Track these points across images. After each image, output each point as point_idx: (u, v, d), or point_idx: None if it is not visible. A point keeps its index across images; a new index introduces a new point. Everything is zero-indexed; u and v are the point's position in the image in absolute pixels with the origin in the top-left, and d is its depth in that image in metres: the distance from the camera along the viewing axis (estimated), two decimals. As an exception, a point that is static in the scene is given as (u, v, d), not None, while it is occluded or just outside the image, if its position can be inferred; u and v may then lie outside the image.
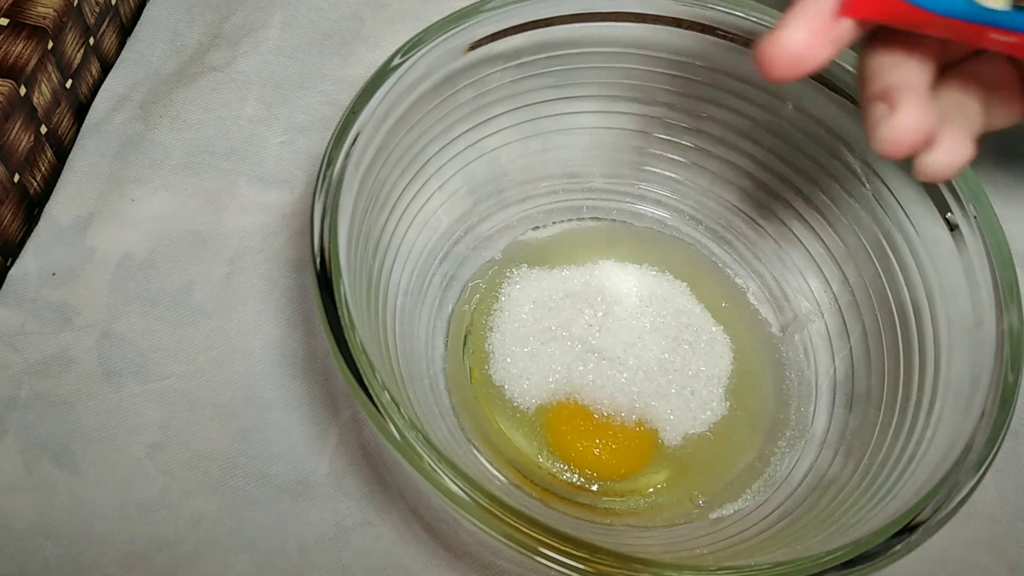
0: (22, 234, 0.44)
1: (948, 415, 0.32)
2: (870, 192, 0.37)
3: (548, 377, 0.40)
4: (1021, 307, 0.33)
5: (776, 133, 0.40)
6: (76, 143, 0.46)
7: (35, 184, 0.44)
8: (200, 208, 0.44)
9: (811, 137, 0.39)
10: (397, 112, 0.35)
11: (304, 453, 0.39)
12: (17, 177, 0.42)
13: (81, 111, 0.47)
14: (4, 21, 0.42)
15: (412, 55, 0.34)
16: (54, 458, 0.38)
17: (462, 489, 0.27)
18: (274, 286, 0.43)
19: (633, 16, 0.37)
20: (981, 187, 0.34)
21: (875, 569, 0.28)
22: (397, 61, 0.34)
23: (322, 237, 0.31)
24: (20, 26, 0.42)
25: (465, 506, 0.27)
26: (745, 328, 0.42)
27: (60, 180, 0.45)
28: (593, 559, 0.27)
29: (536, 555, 0.27)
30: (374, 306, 0.34)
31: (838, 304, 0.40)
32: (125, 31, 0.50)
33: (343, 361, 0.29)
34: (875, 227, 0.38)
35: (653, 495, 0.38)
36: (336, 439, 0.40)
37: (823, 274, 0.41)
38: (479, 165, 0.41)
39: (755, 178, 0.42)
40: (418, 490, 0.38)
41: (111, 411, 0.39)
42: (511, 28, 0.36)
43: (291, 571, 0.37)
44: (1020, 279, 0.33)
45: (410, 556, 0.37)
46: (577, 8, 0.37)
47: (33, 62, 0.41)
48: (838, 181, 0.39)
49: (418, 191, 0.39)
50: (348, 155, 0.32)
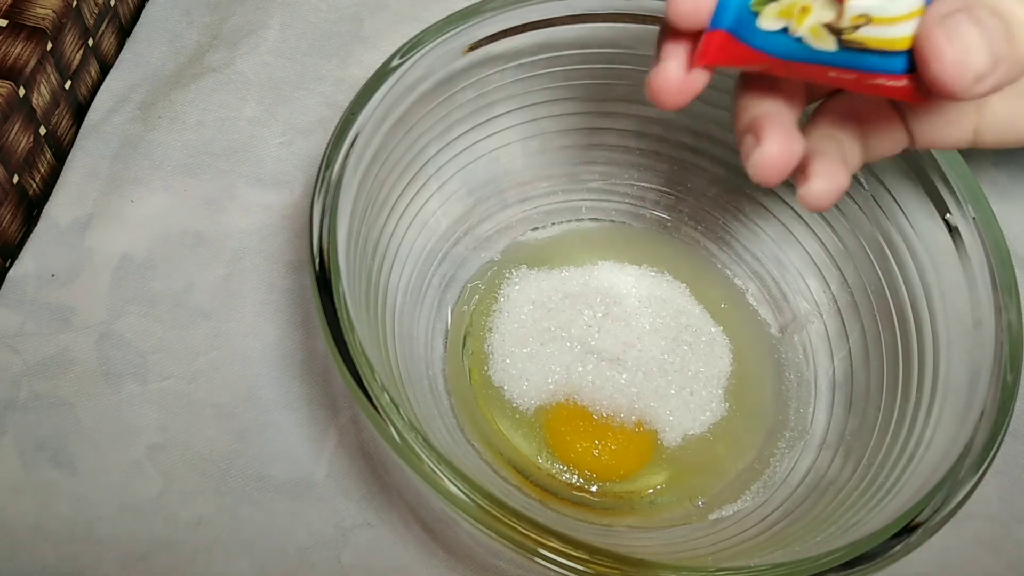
0: (21, 235, 0.44)
1: (947, 416, 0.32)
2: (869, 193, 0.37)
3: (547, 378, 0.40)
4: (1020, 307, 0.33)
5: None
6: (75, 144, 0.46)
7: (34, 185, 0.44)
8: (199, 209, 0.44)
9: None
10: (396, 113, 0.35)
11: (303, 454, 0.39)
12: (16, 178, 0.42)
13: (80, 112, 0.47)
14: (3, 22, 0.42)
15: (411, 56, 0.34)
16: (53, 459, 0.38)
17: (461, 490, 0.27)
18: (273, 287, 0.43)
19: (632, 17, 0.37)
20: (980, 188, 0.34)
21: (875, 570, 0.28)
22: (396, 62, 0.34)
23: (321, 238, 0.31)
24: (19, 27, 0.42)
25: (464, 507, 0.27)
26: (744, 329, 0.42)
27: (59, 181, 0.45)
28: (592, 560, 0.27)
29: (535, 556, 0.27)
30: (373, 307, 0.34)
31: (837, 305, 0.40)
32: (124, 32, 0.50)
33: (342, 362, 0.29)
34: (874, 228, 0.38)
35: (652, 496, 0.38)
36: (335, 440, 0.40)
37: (822, 275, 0.41)
38: (478, 166, 0.41)
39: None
40: (417, 491, 0.38)
41: (110, 412, 0.39)
42: (510, 29, 0.36)
43: (290, 572, 0.37)
44: (1019, 279, 0.33)
45: (409, 557, 0.37)
46: (577, 9, 0.37)
47: (32, 63, 0.41)
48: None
49: (417, 192, 0.39)
50: (347, 156, 0.32)
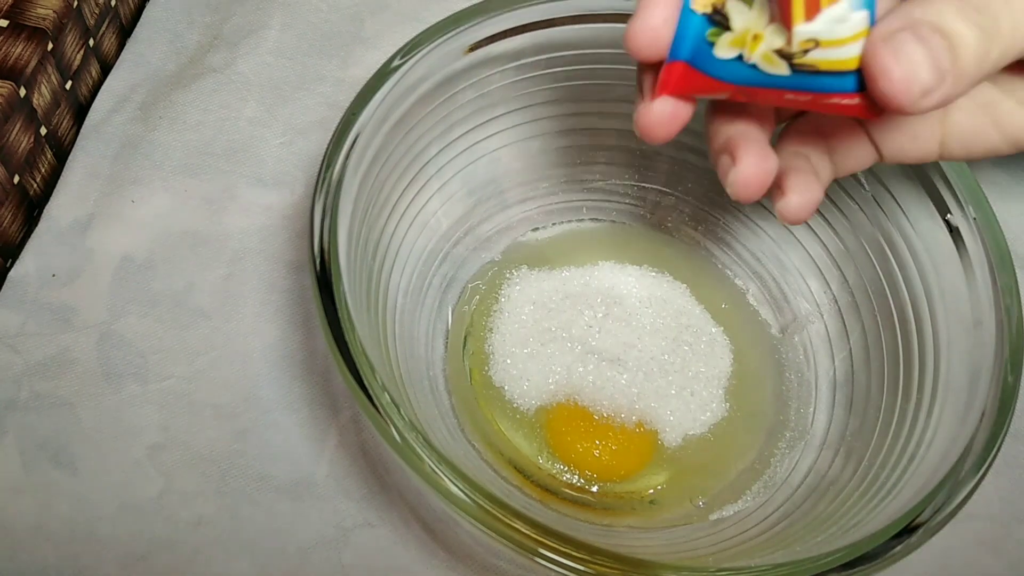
0: (22, 235, 0.44)
1: (948, 416, 0.32)
2: (870, 193, 0.37)
3: (548, 378, 0.40)
4: (1020, 307, 0.33)
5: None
6: (76, 144, 0.46)
7: (35, 185, 0.44)
8: (200, 209, 0.44)
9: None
10: (397, 114, 0.35)
11: (304, 454, 0.39)
12: (17, 178, 0.42)
13: (81, 112, 0.47)
14: (4, 23, 0.42)
15: (412, 56, 0.34)
16: (54, 459, 0.38)
17: (462, 490, 0.27)
18: (274, 287, 0.43)
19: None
20: (980, 188, 0.34)
21: (875, 570, 0.28)
22: (397, 62, 0.34)
23: (322, 238, 0.31)
24: (20, 27, 0.42)
25: (465, 507, 0.27)
26: (745, 329, 0.42)
27: (60, 181, 0.45)
28: (593, 560, 0.27)
29: (536, 556, 0.27)
30: (374, 307, 0.34)
31: (838, 305, 0.40)
32: (125, 32, 0.50)
33: (343, 362, 0.29)
34: (875, 228, 0.38)
35: (653, 496, 0.38)
36: (336, 440, 0.40)
37: (823, 275, 0.41)
38: (479, 166, 0.41)
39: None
40: (418, 491, 0.38)
41: (111, 412, 0.39)
42: (511, 29, 0.36)
43: (291, 572, 0.37)
44: (1019, 279, 0.33)
45: (410, 557, 0.37)
46: (577, 9, 0.37)
47: (33, 63, 0.41)
48: (837, 182, 0.39)
49: (418, 192, 0.39)
50: (348, 157, 0.32)
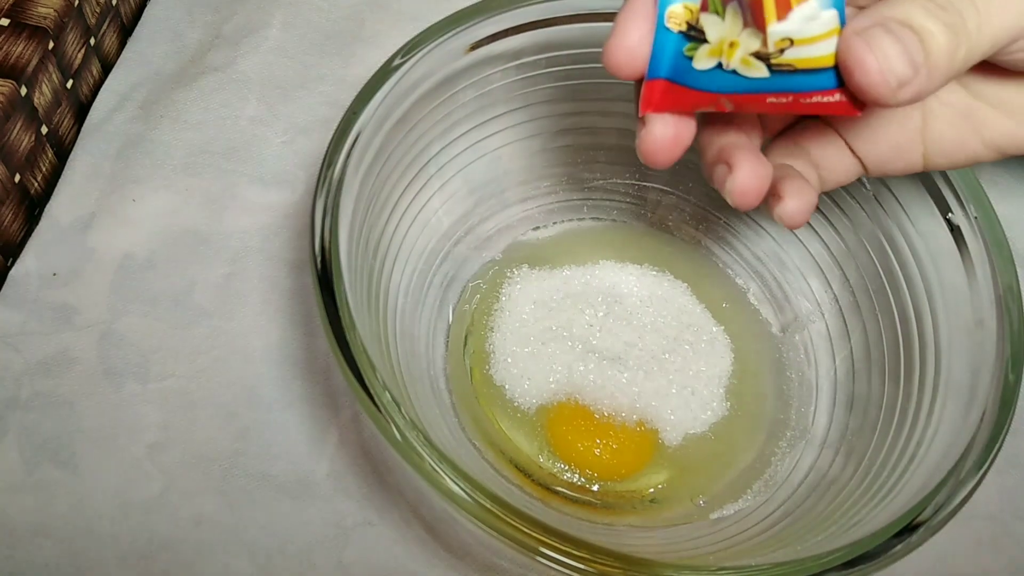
0: (23, 234, 0.44)
1: (949, 415, 0.32)
2: (871, 192, 0.37)
3: (549, 377, 0.39)
4: (1021, 307, 0.33)
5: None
6: (77, 143, 0.46)
7: (36, 184, 0.44)
8: (201, 208, 0.44)
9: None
10: (398, 113, 0.35)
11: (304, 453, 0.39)
12: (18, 177, 0.42)
13: (82, 111, 0.47)
14: (5, 21, 0.42)
15: (413, 55, 0.34)
16: (54, 458, 0.38)
17: (463, 489, 0.27)
18: (274, 286, 0.43)
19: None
20: (981, 187, 0.34)
21: (876, 569, 0.28)
22: (398, 61, 0.34)
23: (323, 237, 0.31)
24: (21, 26, 0.42)
25: (466, 506, 0.27)
26: (746, 328, 0.42)
27: (61, 180, 0.45)
28: (594, 559, 0.27)
29: (537, 555, 0.27)
30: (375, 306, 0.34)
31: (839, 304, 0.40)
32: (126, 31, 0.50)
33: (344, 361, 0.29)
34: (876, 227, 0.38)
35: (653, 495, 0.38)
36: (336, 439, 0.40)
37: (824, 274, 0.41)
38: (480, 165, 0.41)
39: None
40: (419, 490, 0.38)
41: (111, 411, 0.39)
42: (512, 28, 0.36)
43: (291, 571, 0.37)
44: (1020, 279, 0.33)
45: (410, 556, 0.37)
46: (577, 9, 0.37)
47: (34, 62, 0.41)
48: (838, 181, 0.39)
49: (419, 191, 0.39)
50: (349, 156, 0.32)
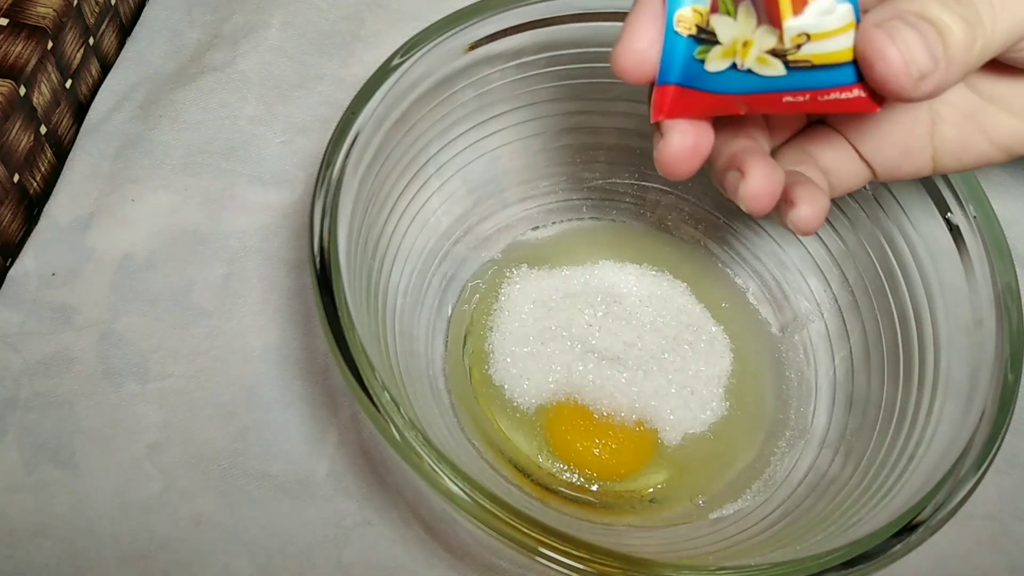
0: (22, 234, 0.44)
1: (948, 415, 0.32)
2: (870, 192, 0.37)
3: (548, 377, 0.39)
4: (1021, 306, 0.33)
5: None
6: (76, 143, 0.46)
7: (35, 184, 0.44)
8: (200, 208, 0.44)
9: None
10: (397, 112, 0.35)
11: (304, 453, 0.39)
12: (17, 177, 0.42)
13: (81, 111, 0.47)
14: (4, 21, 0.42)
15: (412, 55, 0.34)
16: (54, 458, 0.38)
17: (462, 489, 0.27)
18: (273, 286, 0.43)
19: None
20: (981, 187, 0.34)
21: (875, 569, 0.28)
22: (397, 61, 0.34)
23: (322, 237, 0.31)
24: (20, 26, 0.42)
25: (465, 506, 0.27)
26: (745, 328, 0.42)
27: (60, 180, 0.45)
28: (593, 559, 0.27)
29: (536, 555, 0.27)
30: (374, 306, 0.34)
31: (838, 304, 0.40)
32: (125, 31, 0.50)
33: (343, 361, 0.29)
34: (875, 227, 0.38)
35: (653, 495, 0.38)
36: (336, 439, 0.40)
37: (823, 274, 0.41)
38: (479, 165, 0.41)
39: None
40: (418, 490, 0.38)
41: (111, 411, 0.39)
42: (511, 28, 0.36)
43: (291, 571, 0.37)
44: (1020, 279, 0.33)
45: (410, 556, 0.37)
46: (577, 9, 0.37)
47: (33, 62, 0.41)
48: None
49: (418, 191, 0.39)
50: (348, 155, 0.32)
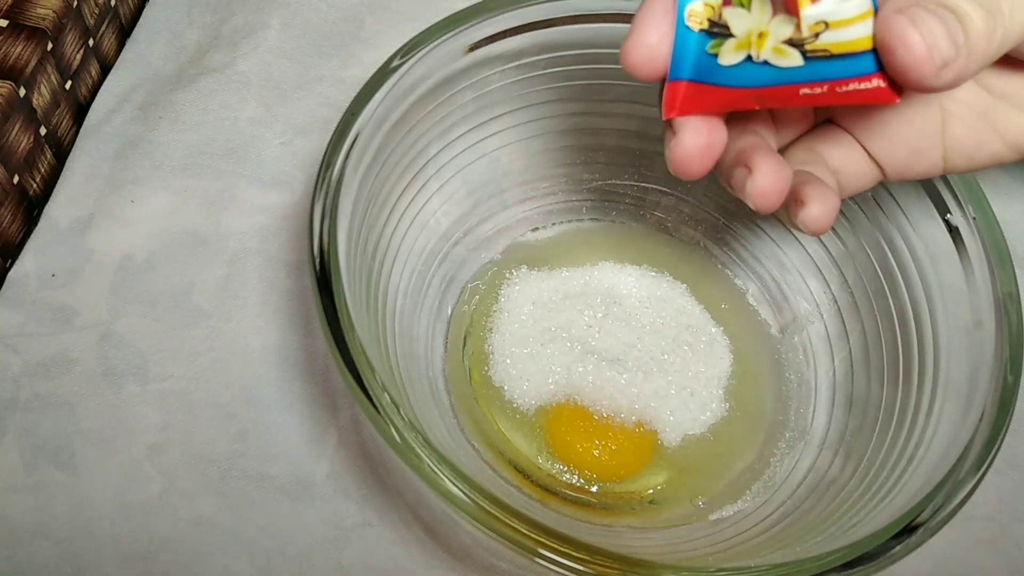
0: (22, 235, 0.44)
1: (947, 416, 0.32)
2: (870, 194, 0.37)
3: (548, 378, 0.39)
4: (1020, 308, 0.33)
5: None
6: (75, 144, 0.46)
7: (34, 185, 0.44)
8: (199, 209, 0.44)
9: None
10: (396, 113, 0.35)
11: (304, 454, 0.39)
12: (16, 178, 0.42)
13: (80, 112, 0.47)
14: (3, 22, 0.42)
15: (412, 56, 0.34)
16: (54, 459, 0.38)
17: (462, 490, 0.27)
18: (273, 287, 0.43)
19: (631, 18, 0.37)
20: (980, 188, 0.34)
21: (875, 570, 0.28)
22: (397, 62, 0.34)
23: (321, 239, 0.31)
24: (19, 27, 0.42)
25: (465, 507, 0.27)
26: (745, 329, 0.42)
27: (59, 181, 0.45)
28: (593, 560, 0.27)
29: (536, 556, 0.27)
30: (373, 307, 0.34)
31: (837, 305, 0.40)
32: (124, 32, 0.50)
33: (343, 362, 0.29)
34: (875, 229, 0.38)
35: (652, 496, 0.38)
36: (336, 440, 0.40)
37: (823, 275, 0.41)
38: (479, 166, 0.41)
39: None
40: (418, 491, 0.38)
41: (111, 412, 0.39)
42: (511, 29, 0.36)
43: (291, 572, 0.37)
44: (1020, 279, 0.33)
45: (410, 557, 0.37)
46: (577, 9, 0.37)
47: (32, 63, 0.41)
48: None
49: (417, 192, 0.39)
50: (347, 157, 0.32)
